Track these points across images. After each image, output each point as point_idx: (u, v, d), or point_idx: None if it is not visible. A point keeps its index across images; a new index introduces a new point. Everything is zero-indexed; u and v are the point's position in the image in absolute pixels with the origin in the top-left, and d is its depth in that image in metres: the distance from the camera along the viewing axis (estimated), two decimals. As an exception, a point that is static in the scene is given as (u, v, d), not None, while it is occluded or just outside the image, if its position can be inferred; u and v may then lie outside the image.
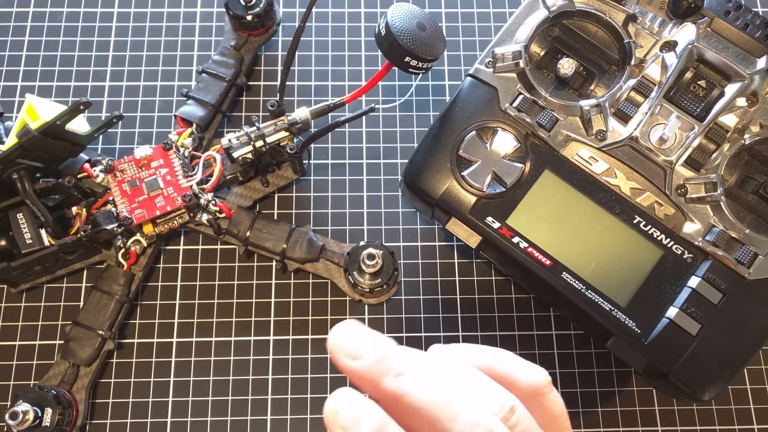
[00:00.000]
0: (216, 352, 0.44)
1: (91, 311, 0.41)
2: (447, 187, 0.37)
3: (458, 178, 0.37)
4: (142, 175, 0.42)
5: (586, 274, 0.36)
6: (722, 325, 0.35)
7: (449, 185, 0.37)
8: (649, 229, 0.37)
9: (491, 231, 0.37)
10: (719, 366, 0.35)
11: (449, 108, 0.39)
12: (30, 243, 0.39)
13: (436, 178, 0.38)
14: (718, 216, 0.36)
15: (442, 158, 0.38)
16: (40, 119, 0.38)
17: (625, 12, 0.39)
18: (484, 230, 0.37)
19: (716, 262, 0.36)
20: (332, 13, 0.52)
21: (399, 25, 0.37)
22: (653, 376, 0.36)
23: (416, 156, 0.39)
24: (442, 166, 0.38)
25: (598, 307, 0.36)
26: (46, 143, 0.38)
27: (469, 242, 0.38)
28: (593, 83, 0.40)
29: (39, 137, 0.37)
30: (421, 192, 0.38)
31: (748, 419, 0.43)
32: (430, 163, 0.38)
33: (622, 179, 0.37)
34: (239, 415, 0.42)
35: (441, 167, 0.38)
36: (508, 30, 0.40)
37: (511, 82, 0.38)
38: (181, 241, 0.46)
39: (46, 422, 0.38)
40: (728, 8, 0.38)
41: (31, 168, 0.39)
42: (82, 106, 0.37)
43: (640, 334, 0.35)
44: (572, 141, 0.38)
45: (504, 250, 0.37)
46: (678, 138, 0.37)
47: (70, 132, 0.39)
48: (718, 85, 0.38)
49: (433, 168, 0.38)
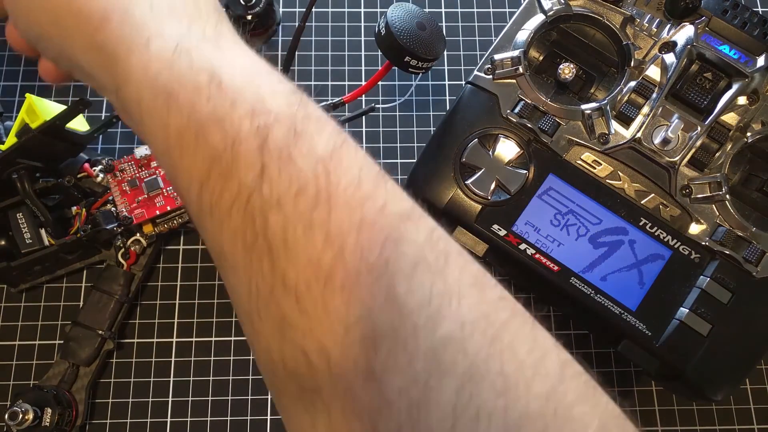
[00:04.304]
0: (216, 352, 0.44)
1: (90, 311, 0.41)
2: (451, 196, 0.37)
3: (462, 186, 0.37)
4: (142, 175, 0.42)
5: (594, 279, 0.36)
6: (733, 324, 0.35)
7: (454, 194, 0.37)
8: (655, 230, 0.37)
9: (498, 239, 0.37)
10: (731, 365, 0.35)
11: (450, 116, 0.39)
12: (30, 243, 0.39)
13: (440, 187, 0.37)
14: (724, 215, 0.36)
15: (445, 167, 0.38)
16: (40, 119, 0.37)
17: (622, 14, 0.39)
18: (490, 238, 0.37)
19: (724, 262, 0.36)
20: (332, 13, 0.52)
21: (399, 25, 0.37)
22: (666, 378, 0.36)
23: (419, 166, 0.39)
24: (445, 176, 0.38)
25: (608, 311, 0.36)
26: (46, 143, 0.38)
27: (476, 250, 0.37)
28: (593, 86, 0.40)
29: (38, 137, 0.36)
30: (426, 202, 0.38)
31: (748, 419, 0.43)
32: (433, 172, 0.38)
33: (626, 182, 0.37)
34: (239, 415, 0.42)
35: (444, 176, 0.38)
36: (506, 35, 0.40)
37: (512, 89, 0.38)
38: (181, 241, 0.46)
39: (45, 422, 0.38)
40: (726, 7, 0.38)
41: (31, 167, 0.39)
42: (82, 105, 0.37)
43: (652, 337, 0.35)
44: (575, 145, 0.38)
45: (511, 257, 0.37)
46: (681, 139, 0.37)
47: (69, 131, 0.38)
48: (725, 77, 0.38)
49: (437, 177, 0.38)
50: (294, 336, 0.20)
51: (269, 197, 0.20)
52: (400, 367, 0.19)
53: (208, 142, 0.21)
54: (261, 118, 0.21)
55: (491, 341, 0.19)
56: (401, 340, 0.19)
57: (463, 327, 0.19)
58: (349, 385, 0.19)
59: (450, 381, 0.19)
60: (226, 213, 0.21)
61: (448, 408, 0.18)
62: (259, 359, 0.22)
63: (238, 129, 0.21)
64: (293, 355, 0.20)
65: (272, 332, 0.20)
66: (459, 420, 0.18)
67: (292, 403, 0.21)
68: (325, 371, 0.19)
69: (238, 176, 0.21)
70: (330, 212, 0.20)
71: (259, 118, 0.21)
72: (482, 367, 0.19)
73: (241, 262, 0.21)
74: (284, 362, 0.20)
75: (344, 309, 0.19)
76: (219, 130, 0.21)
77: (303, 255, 0.20)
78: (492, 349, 0.19)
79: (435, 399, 0.18)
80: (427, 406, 0.18)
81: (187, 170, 0.22)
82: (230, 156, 0.21)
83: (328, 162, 0.21)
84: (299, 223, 0.20)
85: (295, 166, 0.21)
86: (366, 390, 0.19)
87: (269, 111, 0.21)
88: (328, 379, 0.19)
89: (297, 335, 0.20)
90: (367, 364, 0.19)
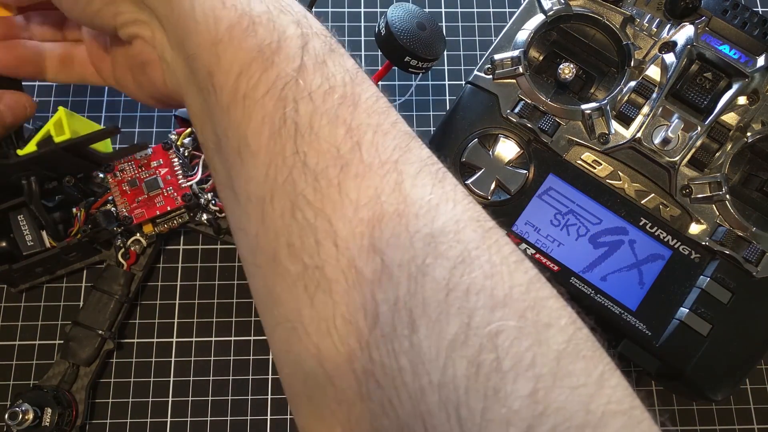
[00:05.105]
0: (216, 352, 0.44)
1: (90, 311, 0.41)
2: None
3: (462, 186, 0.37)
4: (142, 175, 0.42)
5: (594, 279, 0.36)
6: (733, 324, 0.35)
7: None
8: (655, 230, 0.37)
9: None
10: (732, 365, 0.35)
11: (450, 116, 0.39)
12: (31, 245, 0.39)
13: None
14: (724, 215, 0.36)
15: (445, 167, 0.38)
16: (66, 134, 0.36)
17: (622, 14, 0.39)
18: None
19: (724, 262, 0.36)
20: (332, 13, 0.52)
21: (399, 25, 0.37)
22: (666, 378, 0.36)
23: (419, 166, 0.39)
24: None
25: (608, 311, 0.36)
26: (65, 158, 0.36)
27: None
28: (593, 86, 0.40)
29: (59, 152, 0.35)
30: None
31: (748, 419, 0.43)
32: None
33: (626, 181, 0.37)
34: (239, 415, 0.42)
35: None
36: (506, 35, 0.40)
37: (512, 89, 0.38)
38: (181, 241, 0.46)
39: (45, 422, 0.38)
40: (726, 7, 0.38)
41: (43, 175, 0.38)
42: (114, 131, 0.35)
43: (652, 337, 0.35)
44: (575, 145, 0.38)
45: None
46: (681, 138, 0.37)
47: (91, 151, 0.37)
48: (725, 77, 0.38)
49: (437, 178, 0.38)
50: (305, 215, 0.22)
51: (303, 89, 0.23)
52: (401, 244, 0.21)
53: (257, 35, 0.24)
54: (305, 27, 0.25)
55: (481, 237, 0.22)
56: (404, 222, 0.21)
57: (458, 222, 0.22)
58: (352, 259, 0.21)
59: (445, 261, 0.21)
60: (260, 99, 0.23)
61: (443, 282, 0.20)
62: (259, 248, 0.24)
63: (285, 29, 0.24)
64: (300, 234, 0.22)
65: (282, 213, 0.22)
66: (452, 292, 0.20)
67: (291, 286, 0.22)
68: (331, 247, 0.21)
69: (278, 67, 0.23)
70: (353, 112, 0.23)
71: (303, 27, 0.25)
72: (473, 254, 0.21)
73: (264, 147, 0.23)
74: (289, 243, 0.22)
75: (355, 192, 0.22)
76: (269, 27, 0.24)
77: (325, 142, 0.22)
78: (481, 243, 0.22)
79: (431, 274, 0.20)
80: (423, 279, 0.20)
81: (230, 60, 0.24)
82: (275, 48, 0.24)
83: (354, 76, 0.24)
84: (325, 115, 0.23)
85: (328, 70, 0.24)
86: (368, 263, 0.21)
87: (311, 26, 0.25)
88: (333, 254, 0.21)
89: (308, 213, 0.22)
90: (372, 240, 0.21)
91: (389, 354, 0.20)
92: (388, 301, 0.20)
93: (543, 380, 0.19)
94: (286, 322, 0.22)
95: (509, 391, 0.19)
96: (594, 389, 0.20)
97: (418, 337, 0.20)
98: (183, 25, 0.26)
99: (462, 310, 0.20)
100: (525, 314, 0.20)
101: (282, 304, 0.23)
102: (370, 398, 0.20)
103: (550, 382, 0.19)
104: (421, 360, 0.19)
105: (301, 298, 0.22)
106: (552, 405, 0.19)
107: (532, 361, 0.19)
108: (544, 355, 0.20)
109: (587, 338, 0.21)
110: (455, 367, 0.19)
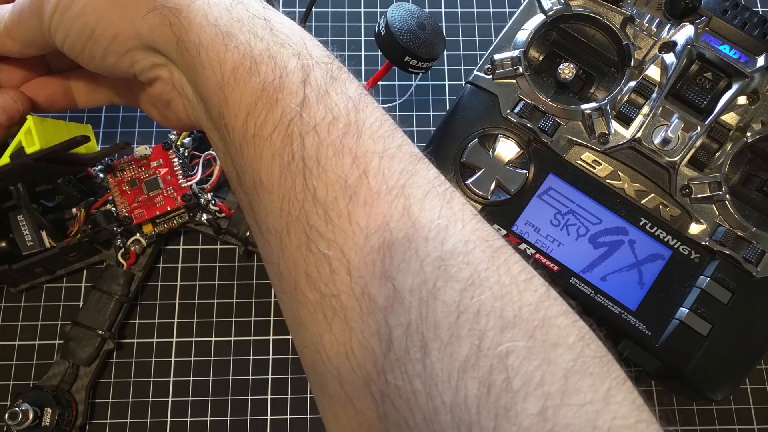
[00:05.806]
0: (216, 352, 0.44)
1: (90, 311, 0.41)
2: None
3: (462, 186, 0.37)
4: (142, 175, 0.42)
5: (594, 279, 0.36)
6: (733, 324, 0.35)
7: None
8: (655, 230, 0.37)
9: None
10: (732, 365, 0.35)
11: (450, 116, 0.39)
12: (31, 245, 0.39)
13: None
14: (724, 215, 0.36)
15: (445, 167, 0.38)
16: (36, 145, 0.34)
17: (622, 14, 0.39)
18: None
19: (724, 262, 0.36)
20: (332, 13, 0.52)
21: (399, 25, 0.37)
22: (666, 378, 0.36)
23: (418, 166, 0.39)
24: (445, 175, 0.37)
25: (608, 311, 0.36)
26: (42, 168, 0.35)
27: None
28: (593, 86, 0.40)
29: (33, 164, 0.34)
30: None
31: (748, 419, 0.43)
32: None
33: (626, 181, 0.37)
34: (239, 415, 0.42)
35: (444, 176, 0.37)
36: (506, 36, 0.40)
37: (511, 89, 0.38)
38: (181, 241, 0.46)
39: (45, 422, 0.38)
40: (726, 7, 0.38)
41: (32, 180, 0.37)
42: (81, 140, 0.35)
43: (652, 337, 0.35)
44: (575, 145, 0.38)
45: None
46: (681, 138, 0.37)
47: (71, 155, 0.36)
48: (725, 77, 0.38)
49: (437, 178, 0.38)
50: (319, 246, 0.23)
51: (307, 123, 0.24)
52: (412, 269, 0.21)
53: (260, 74, 0.25)
54: (305, 59, 0.25)
55: (490, 258, 0.22)
56: (413, 247, 0.22)
57: (467, 244, 0.22)
58: (365, 287, 0.22)
59: (455, 284, 0.21)
60: (268, 137, 0.24)
61: (453, 306, 0.21)
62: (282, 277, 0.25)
63: (286, 64, 0.25)
64: (316, 264, 0.23)
65: (298, 245, 0.23)
66: (462, 315, 0.21)
67: (312, 312, 0.23)
68: (345, 275, 0.22)
69: (283, 103, 0.24)
70: (357, 140, 0.24)
71: (304, 59, 0.25)
72: (482, 275, 0.22)
73: (277, 183, 0.24)
74: (307, 273, 0.23)
75: (365, 221, 0.22)
76: (270, 64, 0.25)
77: (332, 173, 0.23)
78: (491, 264, 0.22)
79: (442, 298, 0.21)
80: (434, 303, 0.21)
81: (237, 101, 0.25)
82: (277, 85, 0.24)
83: (357, 102, 0.25)
84: (331, 146, 0.23)
85: (331, 100, 0.24)
86: (381, 290, 0.21)
87: (311, 55, 0.26)
88: (348, 282, 0.22)
89: (322, 245, 0.23)
90: (383, 266, 0.22)
91: (403, 377, 0.20)
92: (401, 326, 0.21)
93: (552, 398, 0.20)
94: (311, 345, 0.23)
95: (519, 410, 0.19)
96: (601, 406, 0.20)
97: (430, 360, 0.20)
98: (192, 69, 0.27)
99: (473, 332, 0.20)
100: (534, 334, 0.21)
101: (306, 328, 0.24)
102: (387, 419, 0.21)
103: (558, 400, 0.20)
104: (434, 382, 0.20)
105: (321, 324, 0.23)
106: (560, 422, 0.19)
107: (541, 379, 0.20)
108: (552, 373, 0.20)
109: (595, 354, 0.21)
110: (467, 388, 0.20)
